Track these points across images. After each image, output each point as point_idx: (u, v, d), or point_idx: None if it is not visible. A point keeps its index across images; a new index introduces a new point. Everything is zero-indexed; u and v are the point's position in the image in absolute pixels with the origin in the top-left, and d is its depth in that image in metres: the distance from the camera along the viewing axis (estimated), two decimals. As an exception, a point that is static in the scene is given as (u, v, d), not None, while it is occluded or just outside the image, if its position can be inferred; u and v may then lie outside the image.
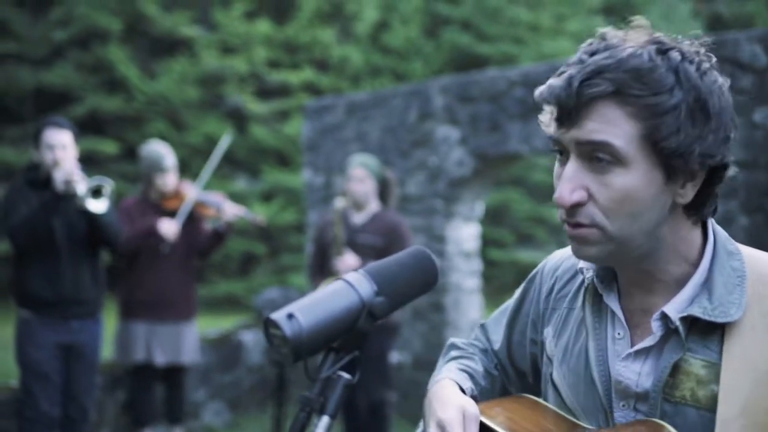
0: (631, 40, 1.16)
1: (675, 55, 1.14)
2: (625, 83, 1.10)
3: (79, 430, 4.51)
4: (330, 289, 1.09)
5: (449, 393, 1.35)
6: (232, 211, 5.23)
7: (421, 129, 6.70)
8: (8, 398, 4.67)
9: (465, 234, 6.68)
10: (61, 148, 4.31)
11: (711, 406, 1.15)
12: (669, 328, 1.19)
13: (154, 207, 5.20)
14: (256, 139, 14.44)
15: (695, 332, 1.18)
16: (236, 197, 12.59)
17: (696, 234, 1.24)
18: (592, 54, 1.14)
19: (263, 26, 14.89)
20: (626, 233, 1.16)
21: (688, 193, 1.18)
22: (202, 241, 5.29)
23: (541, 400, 1.38)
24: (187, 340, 5.23)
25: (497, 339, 1.54)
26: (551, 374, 1.36)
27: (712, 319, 1.16)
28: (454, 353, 1.54)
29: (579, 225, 1.17)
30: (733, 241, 1.26)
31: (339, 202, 5.03)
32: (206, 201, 5.31)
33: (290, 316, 1.03)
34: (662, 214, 1.17)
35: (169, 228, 5.04)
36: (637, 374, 1.22)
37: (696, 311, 1.17)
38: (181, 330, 5.19)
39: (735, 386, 1.13)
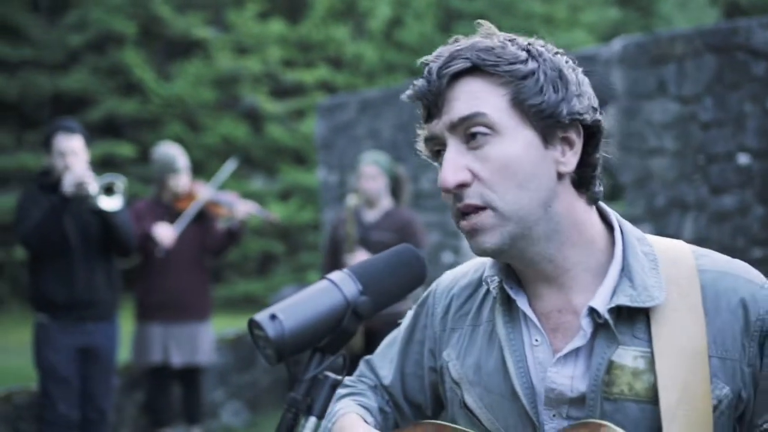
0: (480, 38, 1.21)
1: (523, 41, 1.18)
2: (479, 58, 1.14)
3: (98, 431, 4.54)
4: (314, 289, 1.07)
5: (360, 428, 1.30)
6: (244, 208, 5.23)
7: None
8: (28, 402, 4.72)
9: (480, 229, 6.66)
10: (72, 154, 4.32)
11: (650, 398, 1.12)
12: (597, 324, 1.15)
13: (167, 208, 5.22)
14: (273, 138, 14.48)
15: (621, 323, 1.15)
16: (253, 197, 12.62)
17: (594, 218, 1.22)
18: (447, 49, 1.19)
19: (277, 26, 14.93)
20: (518, 207, 1.14)
21: (570, 161, 1.17)
22: (216, 241, 5.30)
23: (446, 423, 1.31)
24: (203, 341, 5.25)
25: (387, 374, 1.44)
26: (462, 399, 1.28)
27: (639, 304, 1.13)
28: (342, 391, 1.44)
29: (470, 210, 1.15)
30: (637, 228, 1.25)
31: (351, 200, 5.03)
32: (218, 200, 5.32)
33: (273, 316, 1.02)
34: (550, 184, 1.16)
35: (164, 233, 5.04)
36: (570, 378, 1.16)
37: (622, 300, 1.14)
38: (196, 330, 5.21)
39: (670, 372, 1.11)
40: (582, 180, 1.20)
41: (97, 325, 4.47)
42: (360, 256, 4.74)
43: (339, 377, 1.06)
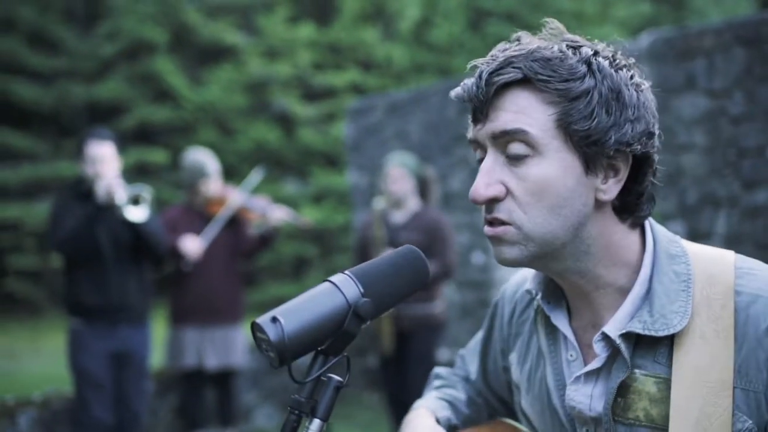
0: (544, 39, 1.15)
1: (587, 50, 1.12)
2: (533, 69, 1.09)
3: (132, 435, 4.60)
4: (315, 291, 1.07)
5: (422, 422, 1.34)
6: (277, 215, 5.24)
7: (462, 124, 6.66)
8: (63, 406, 4.79)
9: (510, 228, 6.62)
10: (102, 161, 4.39)
11: (666, 425, 1.08)
12: (614, 347, 1.13)
13: (199, 214, 5.26)
14: (304, 142, 14.56)
15: (643, 347, 1.11)
16: (286, 200, 12.70)
17: (634, 238, 1.17)
18: (504, 51, 1.14)
19: (306, 30, 15.01)
20: (545, 230, 1.10)
21: (611, 189, 1.12)
22: (247, 246, 5.32)
23: (519, 426, 1.35)
24: (237, 344, 5.28)
25: (473, 369, 1.49)
26: (520, 402, 1.32)
27: (651, 333, 1.09)
28: (437, 383, 1.51)
29: (496, 223, 1.13)
30: (678, 239, 1.19)
31: (378, 203, 5.02)
32: (250, 206, 5.33)
33: (274, 319, 1.03)
34: (585, 210, 1.11)
35: (190, 246, 5.05)
36: (589, 397, 1.16)
37: (636, 327, 1.10)
38: (230, 334, 5.24)
39: (686, 400, 1.06)
40: (624, 207, 1.15)
41: (130, 330, 4.53)
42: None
43: (342, 379, 1.06)
